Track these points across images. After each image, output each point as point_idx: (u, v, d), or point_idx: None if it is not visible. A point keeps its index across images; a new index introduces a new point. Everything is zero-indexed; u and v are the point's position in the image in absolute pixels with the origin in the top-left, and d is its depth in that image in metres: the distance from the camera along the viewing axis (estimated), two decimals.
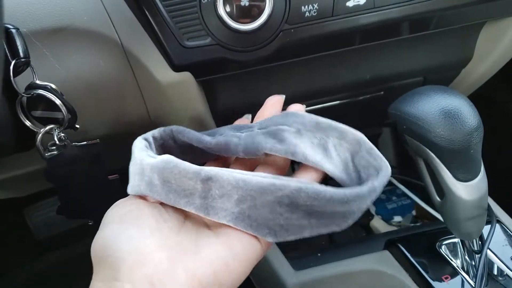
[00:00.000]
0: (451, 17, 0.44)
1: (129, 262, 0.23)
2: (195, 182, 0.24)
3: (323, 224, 0.24)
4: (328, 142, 0.30)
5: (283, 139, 0.29)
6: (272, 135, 0.29)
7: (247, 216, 0.24)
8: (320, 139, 0.30)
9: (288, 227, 0.24)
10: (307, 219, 0.24)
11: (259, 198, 0.24)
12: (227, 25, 0.37)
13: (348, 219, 0.25)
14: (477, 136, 0.36)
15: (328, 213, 0.24)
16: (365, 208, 0.25)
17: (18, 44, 0.31)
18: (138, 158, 0.27)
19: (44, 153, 0.37)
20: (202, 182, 0.24)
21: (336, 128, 0.30)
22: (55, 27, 0.37)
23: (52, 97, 0.34)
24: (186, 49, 0.38)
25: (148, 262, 0.23)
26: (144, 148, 0.28)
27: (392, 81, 0.52)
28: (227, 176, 0.24)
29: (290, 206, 0.24)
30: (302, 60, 0.43)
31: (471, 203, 0.39)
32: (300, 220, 0.24)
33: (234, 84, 0.46)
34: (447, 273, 0.45)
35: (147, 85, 0.41)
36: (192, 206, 0.25)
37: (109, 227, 0.25)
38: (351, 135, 0.30)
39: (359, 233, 0.66)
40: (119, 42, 0.39)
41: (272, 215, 0.24)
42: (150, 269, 0.23)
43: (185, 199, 0.25)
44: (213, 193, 0.24)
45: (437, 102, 0.37)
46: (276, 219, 0.24)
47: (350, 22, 0.40)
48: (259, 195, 0.23)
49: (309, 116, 0.31)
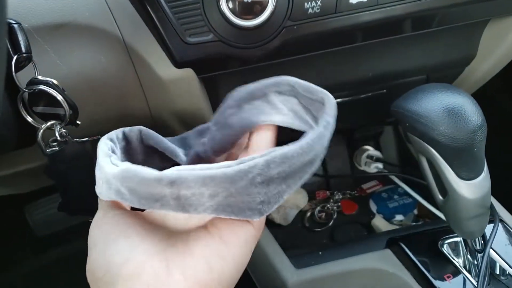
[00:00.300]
0: (455, 15, 0.44)
1: (124, 275, 0.22)
2: (161, 188, 0.23)
3: (298, 178, 0.25)
4: (268, 96, 0.30)
5: (232, 125, 0.29)
6: (224, 127, 0.30)
7: (226, 205, 0.24)
8: (261, 100, 0.30)
9: (269, 200, 0.24)
10: (284, 183, 0.24)
11: (231, 187, 0.23)
12: (229, 21, 0.37)
13: (316, 161, 0.25)
14: (480, 134, 0.36)
15: (299, 167, 0.24)
16: (326, 146, 0.26)
17: (20, 39, 0.31)
18: (102, 165, 0.26)
19: (45, 149, 0.37)
20: (167, 187, 0.23)
21: (269, 83, 0.30)
22: (56, 23, 0.37)
23: (53, 93, 0.34)
24: (188, 45, 0.38)
25: (143, 272, 0.22)
26: (108, 153, 0.27)
27: (395, 79, 0.52)
28: (192, 177, 0.23)
29: (265, 181, 0.23)
30: (305, 58, 0.43)
31: (474, 201, 0.38)
32: (278, 188, 0.24)
33: (236, 81, 0.45)
34: (449, 272, 0.45)
35: (149, 82, 0.41)
36: (168, 207, 0.24)
37: (96, 248, 0.24)
38: (285, 82, 0.30)
39: (361, 232, 0.65)
40: (121, 38, 0.39)
41: (251, 197, 0.23)
42: (146, 278, 0.22)
43: (158, 202, 0.24)
44: (183, 194, 0.23)
45: (441, 99, 0.37)
46: (255, 199, 0.23)
47: (353, 19, 0.40)
48: (230, 185, 0.23)
49: (243, 90, 0.31)
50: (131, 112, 0.43)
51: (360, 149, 0.73)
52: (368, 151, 0.71)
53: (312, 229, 0.67)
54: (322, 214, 0.70)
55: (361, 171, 0.73)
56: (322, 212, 0.70)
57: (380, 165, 0.70)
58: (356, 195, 0.73)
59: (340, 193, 0.72)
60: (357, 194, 0.73)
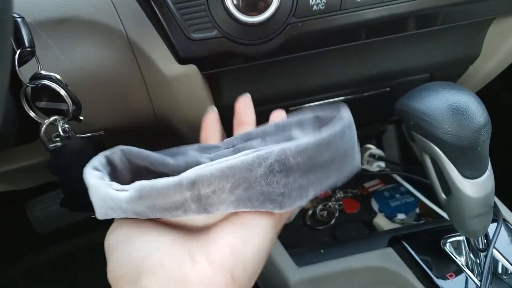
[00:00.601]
0: (459, 13, 0.44)
1: (147, 268, 0.22)
2: (181, 192, 0.23)
3: (323, 176, 0.24)
4: (291, 131, 0.32)
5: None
6: (240, 152, 0.29)
7: (246, 199, 0.23)
8: (284, 136, 0.31)
9: (290, 193, 0.23)
10: (304, 177, 0.24)
11: (250, 176, 0.23)
12: (234, 18, 0.37)
13: (342, 161, 0.25)
14: (485, 133, 0.35)
15: (319, 163, 0.24)
16: (354, 147, 0.26)
17: (24, 33, 0.31)
18: (105, 195, 0.25)
19: (48, 145, 0.37)
20: (188, 189, 0.23)
21: (292, 122, 0.32)
22: (60, 18, 0.37)
23: (57, 88, 0.34)
24: (192, 41, 0.38)
25: (166, 262, 0.22)
26: (107, 182, 0.26)
27: (398, 78, 0.52)
28: (211, 171, 0.23)
29: (283, 171, 0.23)
30: (309, 55, 0.43)
31: (477, 200, 0.38)
32: (299, 181, 0.23)
33: (240, 78, 0.45)
34: (452, 271, 0.45)
35: (152, 78, 0.41)
36: (191, 212, 0.24)
37: (117, 250, 0.24)
38: (307, 116, 0.31)
39: (362, 230, 0.65)
40: (125, 33, 0.38)
41: (270, 187, 0.23)
42: (170, 267, 0.22)
43: (180, 209, 0.24)
44: (204, 193, 0.23)
45: (445, 98, 0.36)
46: (275, 189, 0.23)
47: (358, 16, 0.40)
48: (249, 172, 0.23)
49: (269, 124, 0.34)
50: (134, 108, 0.43)
51: (362, 147, 0.73)
52: (370, 150, 0.71)
53: (313, 227, 0.67)
54: (324, 213, 0.70)
55: (363, 170, 0.73)
56: (324, 210, 0.70)
57: (382, 164, 0.70)
58: (358, 193, 0.73)
59: (342, 192, 0.72)
60: (359, 193, 0.73)
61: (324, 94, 0.51)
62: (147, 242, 0.23)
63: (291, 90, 0.48)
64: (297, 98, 0.50)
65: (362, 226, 0.66)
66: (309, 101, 0.52)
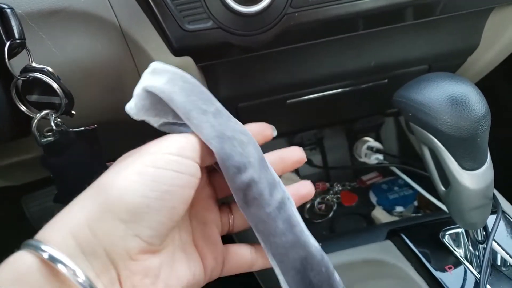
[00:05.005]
0: (458, 3, 0.43)
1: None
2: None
3: None
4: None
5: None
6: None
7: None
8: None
9: None
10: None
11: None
12: (229, 8, 0.36)
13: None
14: (484, 124, 0.35)
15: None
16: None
17: (13, 24, 0.30)
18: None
19: (40, 139, 0.36)
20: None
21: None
22: (51, 9, 0.36)
23: (48, 81, 0.33)
24: (187, 32, 0.37)
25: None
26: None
27: (396, 69, 0.51)
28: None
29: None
30: (306, 46, 0.42)
31: (476, 192, 0.38)
32: None
33: (236, 69, 0.45)
34: (451, 263, 0.44)
35: None
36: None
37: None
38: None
39: (361, 223, 0.65)
40: (118, 25, 0.38)
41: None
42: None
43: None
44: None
45: (444, 89, 0.36)
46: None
47: (356, 6, 0.39)
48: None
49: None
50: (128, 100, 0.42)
51: (360, 140, 0.73)
52: (368, 142, 0.71)
53: (312, 221, 0.67)
54: (322, 206, 0.69)
55: (361, 163, 0.72)
56: (322, 203, 0.70)
57: (380, 157, 0.70)
58: (356, 186, 0.72)
59: (340, 185, 0.72)
60: (357, 186, 0.73)
61: (322, 86, 0.51)
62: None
63: (288, 82, 0.47)
64: (294, 90, 0.50)
65: (361, 219, 0.66)
66: (307, 93, 0.51)
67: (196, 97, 0.27)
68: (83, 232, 0.23)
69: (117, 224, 0.23)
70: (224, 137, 0.26)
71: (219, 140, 0.26)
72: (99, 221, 0.23)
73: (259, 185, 0.26)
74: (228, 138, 0.26)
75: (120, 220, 0.23)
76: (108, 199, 0.23)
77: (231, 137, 0.26)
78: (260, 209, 0.26)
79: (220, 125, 0.26)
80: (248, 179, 0.26)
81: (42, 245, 0.22)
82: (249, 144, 0.27)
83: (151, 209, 0.23)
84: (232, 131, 0.27)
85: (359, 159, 0.72)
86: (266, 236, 0.27)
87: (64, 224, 0.23)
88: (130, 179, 0.24)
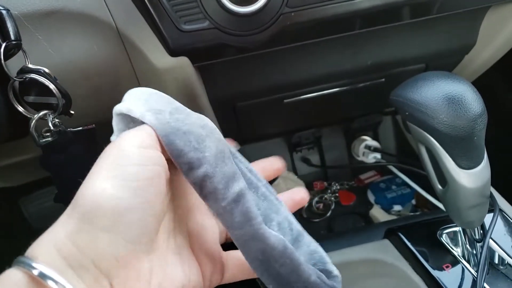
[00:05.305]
0: (455, 2, 0.43)
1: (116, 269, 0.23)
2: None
3: None
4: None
5: None
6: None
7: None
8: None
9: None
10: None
11: None
12: (225, 8, 0.36)
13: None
14: (481, 123, 0.35)
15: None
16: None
17: (9, 25, 0.30)
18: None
19: (39, 140, 0.36)
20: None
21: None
22: (47, 10, 0.36)
23: (45, 82, 0.33)
24: (183, 32, 0.37)
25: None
26: None
27: (393, 68, 0.51)
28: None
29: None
30: (302, 45, 0.42)
31: (473, 191, 0.38)
32: None
33: (233, 69, 0.45)
34: (448, 262, 0.45)
35: (143, 70, 0.40)
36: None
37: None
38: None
39: (359, 222, 0.65)
40: (114, 25, 0.38)
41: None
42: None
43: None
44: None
45: (441, 88, 0.36)
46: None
47: (352, 5, 0.39)
48: None
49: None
50: None
51: (358, 139, 0.73)
52: (366, 141, 0.71)
53: (310, 220, 0.67)
54: (320, 205, 0.69)
55: (359, 162, 0.72)
56: (320, 202, 0.70)
57: (378, 155, 0.70)
58: (354, 185, 0.73)
59: (338, 184, 0.72)
60: (355, 185, 0.73)
61: (319, 86, 0.51)
62: None
63: (285, 81, 0.47)
64: (291, 89, 0.50)
65: (359, 218, 0.66)
66: (304, 92, 0.51)
67: (155, 102, 0.28)
68: (66, 247, 0.22)
69: (98, 233, 0.23)
70: (177, 133, 0.26)
71: (172, 136, 0.26)
72: (79, 233, 0.23)
73: (214, 180, 0.26)
74: (183, 133, 0.26)
75: (100, 228, 0.23)
76: (84, 210, 0.23)
77: (187, 131, 0.26)
78: (215, 202, 0.27)
79: (176, 122, 0.26)
80: (202, 175, 0.26)
81: (32, 262, 0.22)
82: (207, 138, 0.27)
83: (128, 209, 0.23)
84: (189, 125, 0.27)
85: (357, 158, 0.72)
86: (227, 228, 0.28)
87: (49, 241, 0.23)
88: (100, 186, 0.23)
